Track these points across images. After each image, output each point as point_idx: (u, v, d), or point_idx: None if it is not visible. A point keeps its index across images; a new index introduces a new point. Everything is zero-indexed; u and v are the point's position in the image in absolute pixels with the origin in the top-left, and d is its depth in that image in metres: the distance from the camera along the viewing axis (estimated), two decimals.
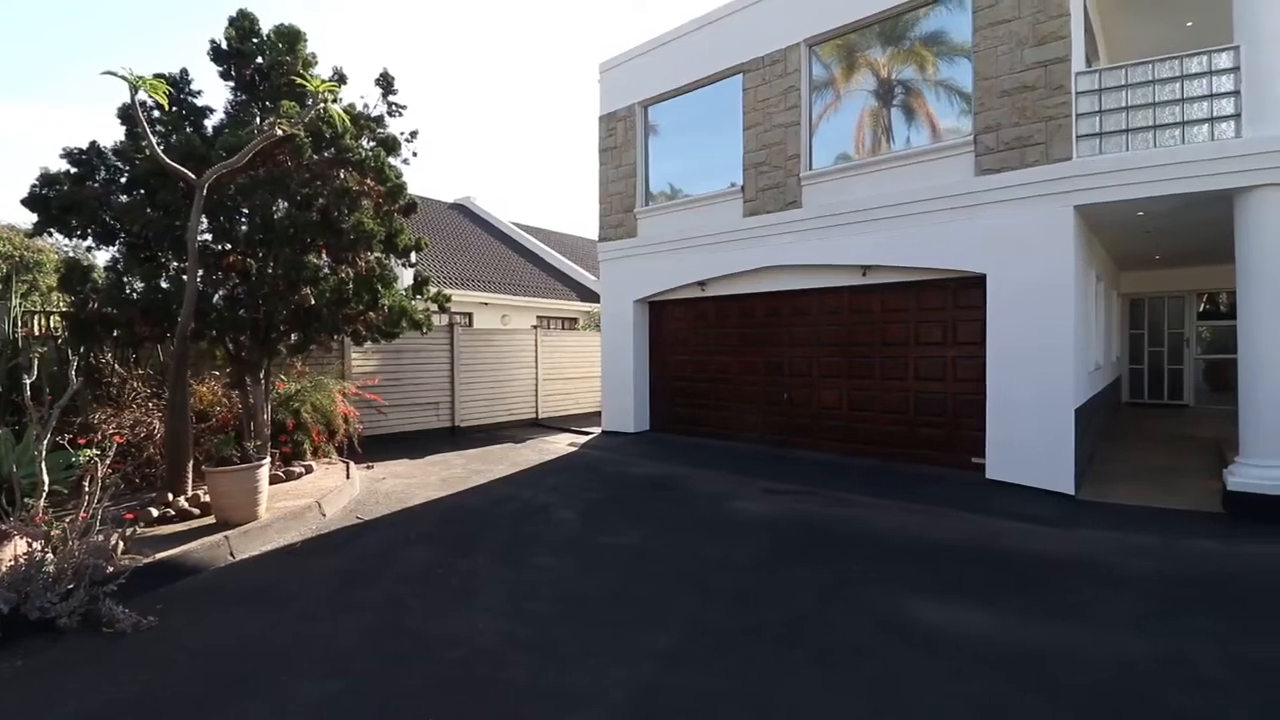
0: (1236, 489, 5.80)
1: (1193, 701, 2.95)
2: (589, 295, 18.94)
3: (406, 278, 8.34)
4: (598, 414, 12.00)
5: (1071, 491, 6.48)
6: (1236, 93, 6.00)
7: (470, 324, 16.02)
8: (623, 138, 11.14)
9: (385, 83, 7.22)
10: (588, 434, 11.27)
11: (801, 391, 9.15)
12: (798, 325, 9.21)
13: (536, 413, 12.93)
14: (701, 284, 10.02)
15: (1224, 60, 6.10)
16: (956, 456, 7.54)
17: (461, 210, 22.63)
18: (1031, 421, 6.76)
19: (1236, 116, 5.99)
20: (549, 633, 3.70)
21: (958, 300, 7.61)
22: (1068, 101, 6.59)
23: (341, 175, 6.83)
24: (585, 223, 63.02)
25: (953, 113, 7.63)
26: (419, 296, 7.69)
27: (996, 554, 5.02)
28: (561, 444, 10.50)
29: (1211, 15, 8.00)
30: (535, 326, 13.72)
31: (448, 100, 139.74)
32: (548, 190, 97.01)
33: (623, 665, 3.31)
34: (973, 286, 7.32)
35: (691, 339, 10.66)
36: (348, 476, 7.43)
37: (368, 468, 8.35)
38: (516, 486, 7.51)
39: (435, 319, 9.11)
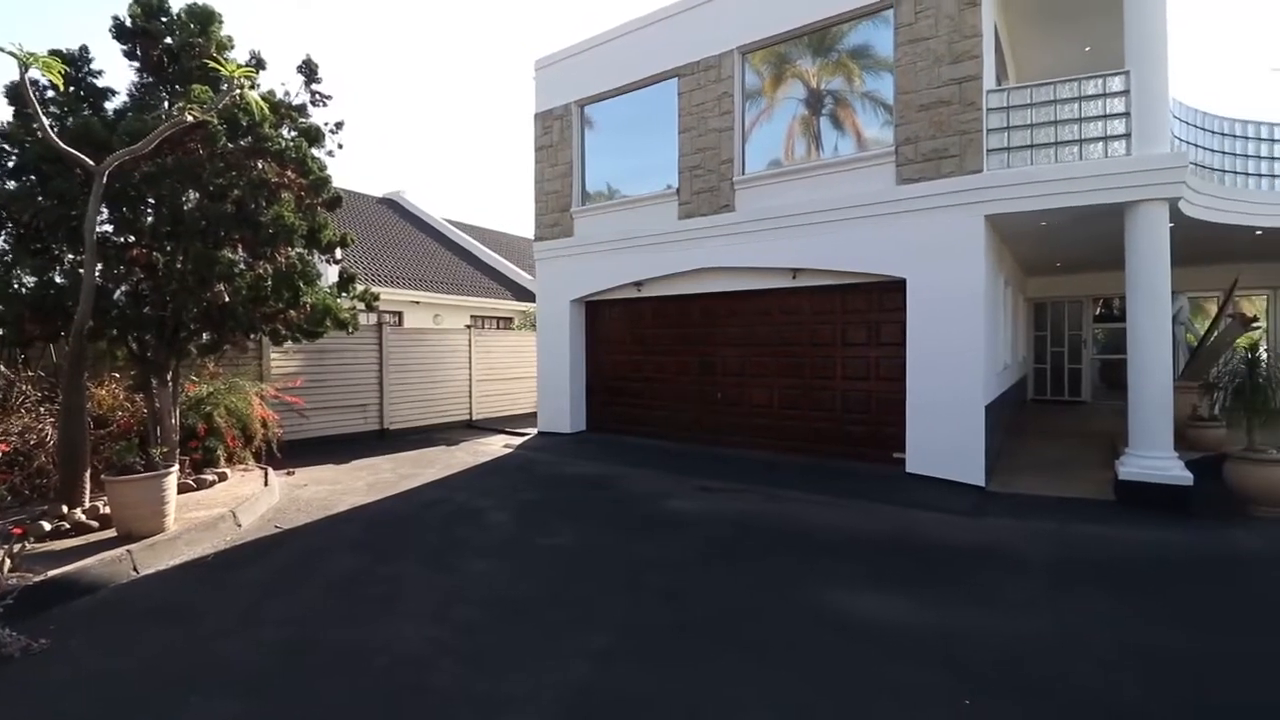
0: (1126, 478, 6.33)
1: (1085, 675, 3.20)
2: (525, 294, 18.68)
3: (331, 275, 7.99)
4: (534, 415, 11.87)
5: (982, 483, 6.90)
6: (1127, 114, 6.54)
7: (400, 323, 15.51)
8: (559, 136, 11.06)
9: (308, 70, 6.90)
10: (524, 435, 11.13)
11: (735, 391, 9.35)
12: (731, 326, 9.41)
13: (471, 414, 12.66)
14: (638, 284, 10.08)
15: (1116, 84, 6.64)
16: (880, 452, 7.88)
17: (391, 205, 21.87)
18: (946, 418, 7.16)
19: (1127, 136, 6.54)
20: (480, 638, 3.64)
21: (881, 303, 7.96)
22: (979, 117, 7.01)
23: (260, 166, 6.48)
24: (521, 221, 62.17)
25: (877, 123, 7.97)
26: (345, 294, 7.38)
27: (915, 544, 5.29)
28: (496, 445, 10.33)
29: (1107, 40, 8.70)
30: (469, 326, 13.42)
31: (378, 93, 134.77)
32: (483, 188, 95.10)
33: (556, 667, 3.29)
34: (894, 290, 7.68)
35: (628, 339, 10.71)
36: (266, 484, 7.06)
37: (288, 474, 7.95)
38: (449, 489, 7.33)
39: (363, 318, 8.77)
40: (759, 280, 8.87)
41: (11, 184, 5.75)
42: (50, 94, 5.82)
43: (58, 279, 5.82)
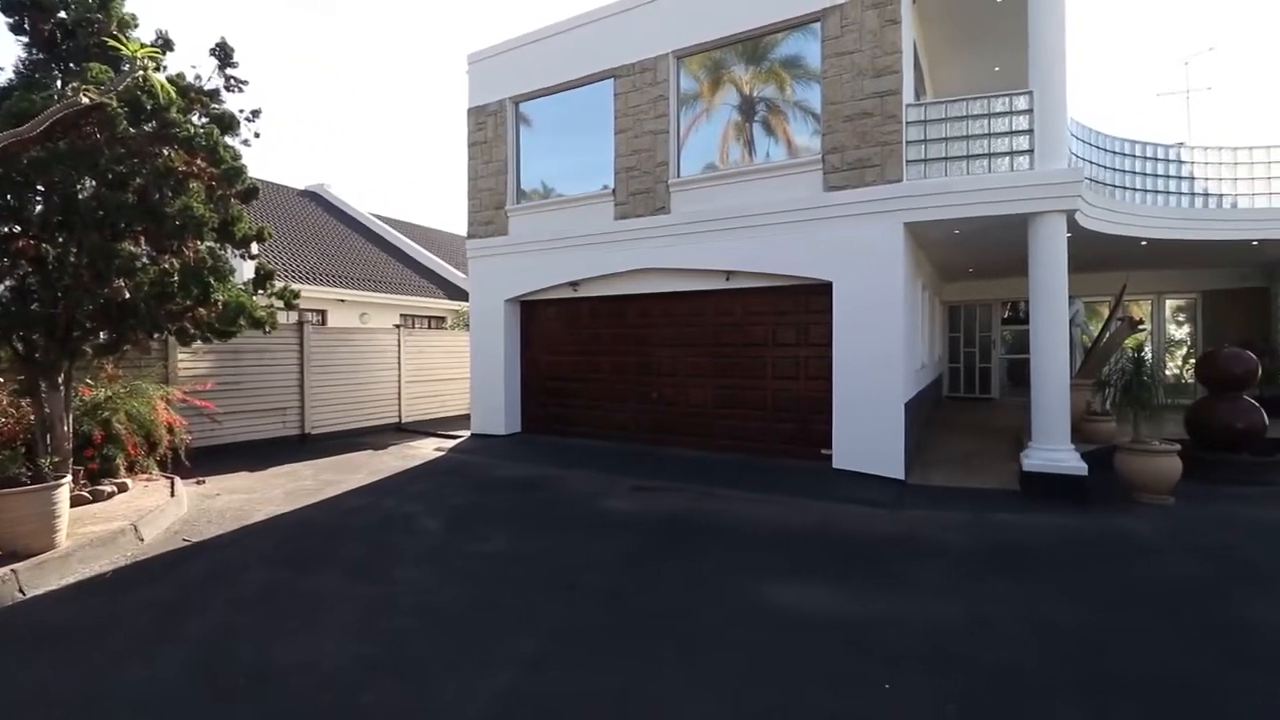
0: (1029, 470, 6.82)
1: (993, 653, 3.43)
2: (458, 293, 18.23)
3: (247, 270, 7.55)
4: (468, 417, 11.60)
5: (902, 477, 7.26)
6: (1031, 131, 7.04)
7: (324, 322, 14.82)
8: (493, 133, 10.86)
9: (223, 54, 6.47)
10: (456, 437, 10.87)
11: (670, 391, 9.45)
12: (667, 327, 9.51)
13: (400, 417, 12.25)
14: (574, 284, 10.03)
15: (1022, 103, 7.13)
16: (809, 449, 8.16)
17: (314, 199, 20.86)
18: (869, 416, 7.49)
19: (1030, 152, 7.03)
20: (407, 650, 3.53)
21: (809, 305, 8.24)
22: (899, 129, 7.37)
23: (166, 153, 6.03)
24: (454, 218, 60.60)
25: (807, 132, 8.25)
26: (261, 291, 6.98)
27: (840, 536, 5.51)
28: (427, 449, 10.04)
29: (1014, 63, 9.32)
30: (399, 325, 12.98)
31: (303, 83, 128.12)
32: (413, 183, 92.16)
33: (486, 675, 3.23)
34: (822, 293, 7.97)
35: (564, 339, 10.64)
36: (172, 494, 6.59)
37: (198, 483, 7.46)
38: (375, 496, 7.07)
39: (282, 316, 8.34)
40: (694, 282, 9.01)
41: None
42: None
43: None
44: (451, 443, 10.46)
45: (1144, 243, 9.22)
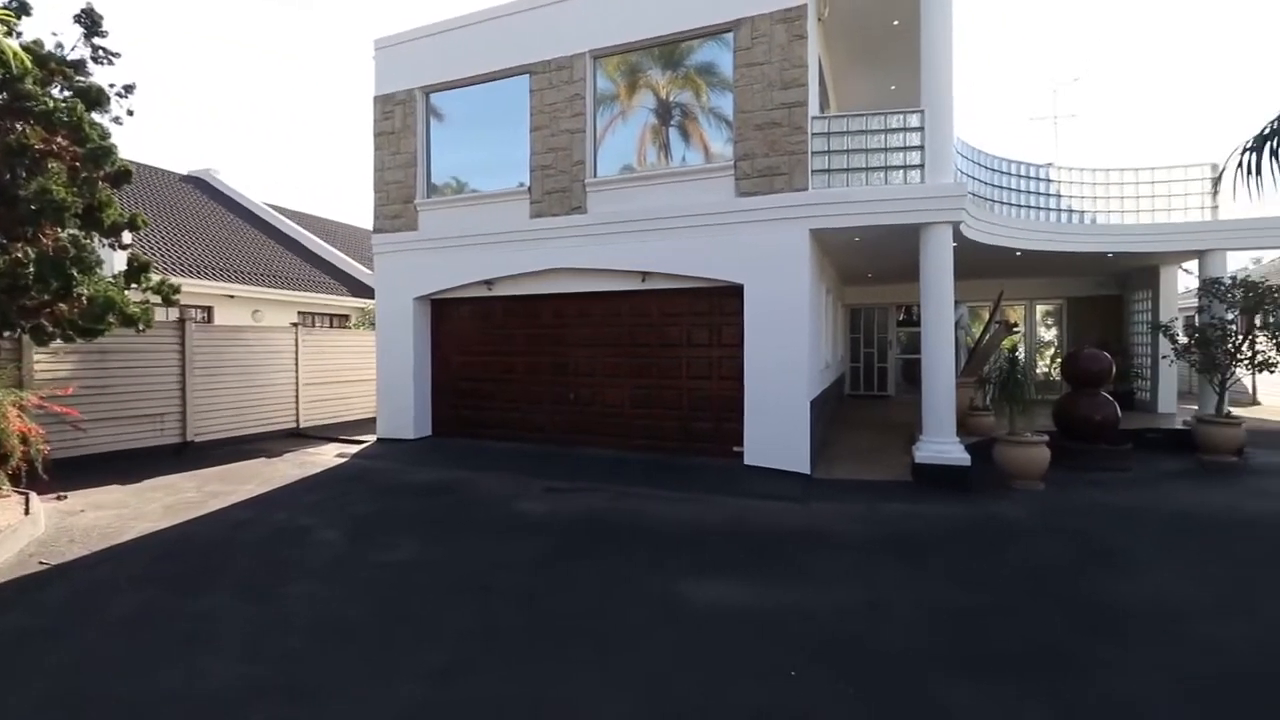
0: (920, 461, 7.33)
1: (888, 634, 3.66)
2: (363, 290, 17.31)
3: (119, 262, 6.84)
4: (373, 420, 11.06)
5: (808, 471, 7.61)
6: (922, 147, 7.57)
7: (210, 320, 13.68)
8: (401, 123, 10.42)
9: (89, 21, 5.87)
10: (361, 442, 10.34)
11: (587, 391, 9.43)
12: (583, 327, 9.47)
13: (298, 421, 11.50)
14: (488, 283, 9.79)
15: (914, 120, 7.65)
16: (722, 447, 8.38)
17: (199, 185, 19.18)
18: (777, 414, 7.80)
19: (922, 166, 7.56)
20: (303, 670, 3.32)
21: (722, 307, 8.47)
22: (805, 140, 7.72)
23: (20, 129, 5.38)
24: (359, 211, 57.69)
25: (721, 138, 8.47)
26: (135, 286, 6.37)
27: (750, 531, 5.70)
28: (328, 455, 9.48)
29: (909, 82, 9.98)
30: (296, 324, 12.14)
31: (190, 60, 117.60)
32: (313, 173, 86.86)
33: (390, 690, 3.09)
34: (734, 295, 8.21)
35: (477, 339, 10.37)
36: (27, 511, 5.87)
37: (58, 499, 6.69)
38: (268, 507, 6.60)
39: (160, 313, 7.62)
40: (610, 282, 9.03)
41: None
42: None
43: None
44: (356, 448, 9.94)
45: (1018, 253, 10.13)
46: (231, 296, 14.14)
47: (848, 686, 3.12)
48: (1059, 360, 11.07)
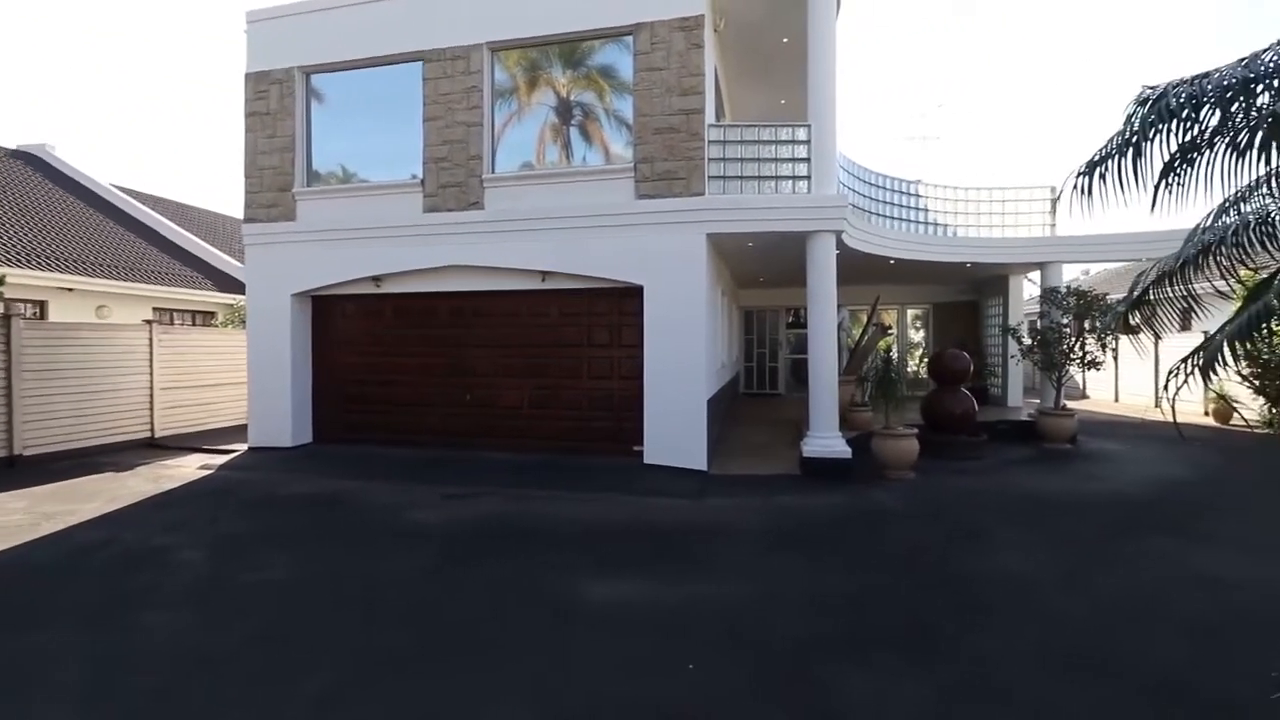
0: (808, 455, 7.76)
1: (781, 622, 3.83)
2: (232, 285, 15.78)
3: None
4: (245, 427, 10.11)
5: (705, 468, 7.83)
6: (809, 160, 8.02)
7: (43, 316, 11.97)
8: (278, 104, 9.61)
9: None
10: (229, 452, 9.43)
11: (485, 393, 9.16)
12: (481, 326, 9.19)
13: (153, 430, 10.31)
14: (377, 280, 9.26)
15: (802, 134, 8.08)
16: (622, 446, 8.44)
17: (30, 162, 16.69)
18: (676, 412, 7.97)
19: (809, 178, 8.01)
20: (160, 711, 2.97)
21: (623, 307, 8.53)
22: (702, 146, 7.94)
23: None
24: (228, 199, 52.64)
25: (621, 140, 8.51)
26: None
27: (650, 528, 5.77)
28: (190, 467, 8.56)
29: (798, 97, 10.51)
30: (151, 321, 10.87)
31: (25, 24, 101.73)
32: (175, 157, 78.25)
33: None
34: (634, 296, 8.29)
35: (366, 339, 9.77)
36: None
37: None
38: (117, 527, 5.86)
39: None
40: (509, 281, 8.83)
41: None
42: None
43: None
44: (223, 458, 9.06)
45: (892, 261, 10.98)
46: (70, 289, 12.43)
47: (743, 675, 3.24)
48: (926, 360, 12.15)
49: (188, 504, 6.73)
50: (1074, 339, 10.20)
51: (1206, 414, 12.88)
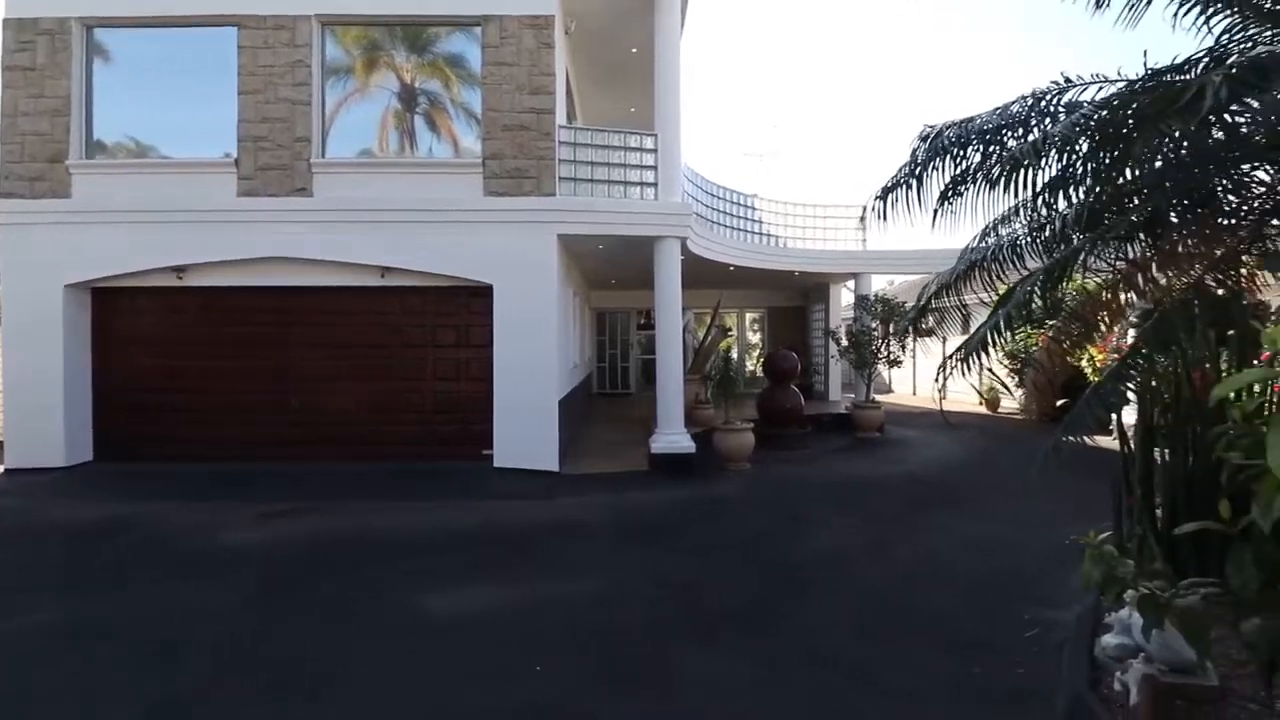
0: (655, 452, 8.09)
1: (633, 612, 3.97)
2: None
3: None
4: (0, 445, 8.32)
5: (557, 468, 7.85)
6: (655, 167, 8.34)
7: None
8: (47, 58, 8.03)
9: None
10: None
11: (316, 398, 8.36)
12: (311, 326, 8.39)
13: None
14: (179, 270, 8.08)
15: (649, 143, 8.39)
16: (471, 450, 8.16)
17: None
18: (527, 414, 7.89)
19: (656, 185, 8.33)
20: None
21: (470, 307, 8.27)
22: (553, 147, 7.95)
23: None
24: None
25: (470, 134, 8.24)
26: None
27: (499, 533, 5.68)
28: None
29: (646, 106, 10.84)
30: None
31: None
32: None
33: None
34: (483, 295, 8.06)
35: (165, 339, 8.46)
36: None
37: None
38: None
39: None
40: (344, 277, 8.15)
41: None
42: None
43: None
44: None
45: (732, 268, 11.78)
46: None
47: (592, 667, 3.31)
48: (762, 359, 13.19)
49: None
50: (881, 341, 11.62)
51: (981, 403, 15.32)
